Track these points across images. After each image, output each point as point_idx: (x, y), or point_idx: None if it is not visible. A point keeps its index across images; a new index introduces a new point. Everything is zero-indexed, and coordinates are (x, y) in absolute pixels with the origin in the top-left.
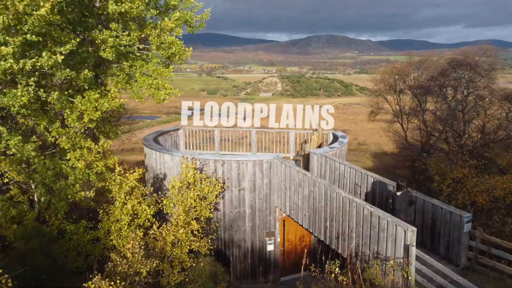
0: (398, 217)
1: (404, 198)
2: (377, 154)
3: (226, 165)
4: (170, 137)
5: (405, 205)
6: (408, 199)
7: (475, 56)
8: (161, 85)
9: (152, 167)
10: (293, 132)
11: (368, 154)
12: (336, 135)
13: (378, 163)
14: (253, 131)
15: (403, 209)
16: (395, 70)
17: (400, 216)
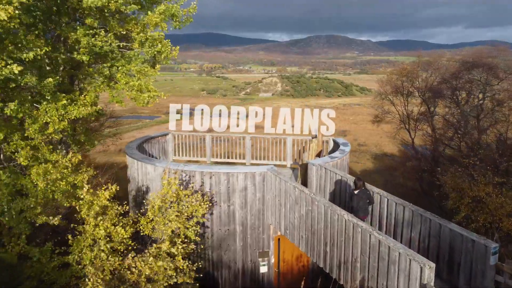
0: (357, 215)
1: (362, 196)
2: (378, 155)
3: (215, 178)
4: (157, 143)
5: (363, 203)
6: (366, 197)
7: (488, 56)
8: (144, 87)
9: (134, 178)
10: (290, 138)
11: (368, 155)
12: (337, 142)
13: (378, 164)
14: (247, 137)
15: (362, 208)
16: (404, 71)
17: (359, 214)
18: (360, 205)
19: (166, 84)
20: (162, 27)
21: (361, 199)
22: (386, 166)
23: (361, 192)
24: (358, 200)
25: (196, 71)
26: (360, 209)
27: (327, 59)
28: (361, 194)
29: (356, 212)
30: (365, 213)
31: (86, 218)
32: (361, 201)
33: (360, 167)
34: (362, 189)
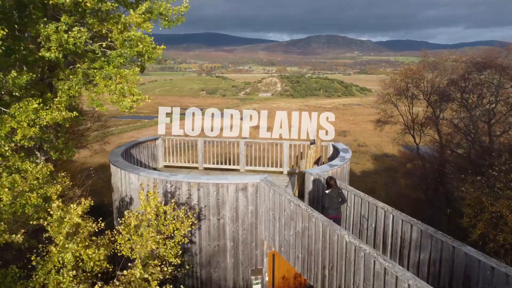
0: (327, 215)
1: (334, 195)
2: (378, 156)
3: (203, 189)
4: (146, 149)
5: (334, 202)
6: (338, 196)
7: (498, 56)
8: (126, 91)
9: (118, 188)
10: (287, 143)
11: (368, 156)
12: (337, 148)
13: (378, 165)
14: (241, 142)
15: (334, 207)
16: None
17: (329, 213)
18: (332, 204)
19: (165, 84)
20: (145, 27)
21: (333, 198)
22: (386, 167)
23: (332, 191)
24: (330, 199)
25: (196, 71)
26: (331, 208)
27: (327, 59)
28: (332, 193)
29: (327, 211)
30: (337, 213)
31: (55, 237)
32: (332, 200)
33: (360, 168)
34: (334, 188)
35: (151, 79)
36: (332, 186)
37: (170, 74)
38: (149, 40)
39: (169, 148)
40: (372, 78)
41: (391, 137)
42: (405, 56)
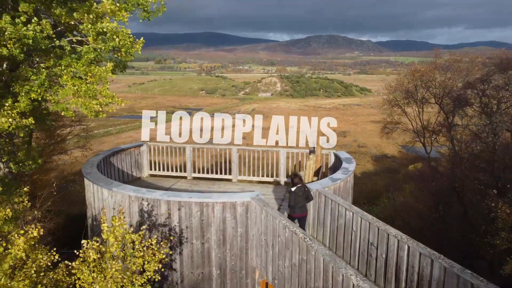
0: (293, 213)
1: (299, 193)
2: (378, 157)
3: (184, 208)
4: (129, 156)
5: (300, 199)
6: (303, 194)
7: None
8: (97, 92)
9: (91, 204)
10: (284, 151)
11: (368, 156)
12: (339, 157)
13: (378, 166)
14: (233, 149)
15: (299, 205)
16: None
17: (295, 211)
18: (298, 203)
19: (165, 84)
20: (121, 17)
21: (299, 196)
22: (386, 168)
23: (297, 189)
24: (295, 197)
25: (195, 70)
26: (297, 207)
27: (327, 59)
28: (297, 191)
29: (293, 209)
30: (302, 211)
31: None
32: (298, 198)
33: (360, 169)
34: (298, 186)
35: (151, 79)
36: (297, 184)
37: (169, 74)
38: (126, 33)
39: (155, 155)
40: (372, 78)
41: (391, 138)
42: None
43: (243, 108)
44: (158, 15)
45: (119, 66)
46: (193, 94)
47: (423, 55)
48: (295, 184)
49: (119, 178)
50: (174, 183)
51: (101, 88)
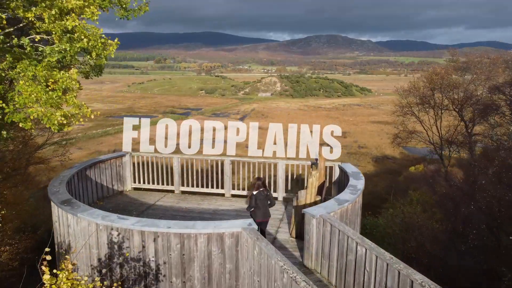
0: (255, 217)
1: (260, 197)
2: (378, 158)
3: (161, 240)
4: (109, 168)
5: (262, 204)
6: (265, 199)
7: None
8: (61, 101)
9: (56, 229)
10: (282, 163)
11: (369, 157)
12: (345, 171)
13: (379, 167)
14: (226, 160)
15: (261, 210)
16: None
17: (257, 216)
18: (260, 207)
19: (164, 83)
20: (89, 15)
21: (260, 200)
22: (387, 169)
23: (259, 193)
24: (256, 202)
25: (195, 70)
26: (258, 211)
27: (327, 59)
28: (259, 195)
29: (255, 214)
30: (264, 216)
31: None
32: (259, 202)
33: (360, 170)
34: (260, 190)
35: (150, 78)
36: (259, 188)
37: (169, 73)
38: (96, 33)
39: (138, 166)
40: (372, 78)
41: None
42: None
43: (242, 108)
44: (139, 14)
45: (94, 69)
46: (193, 94)
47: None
48: (257, 188)
49: (97, 194)
50: (159, 198)
51: (67, 96)
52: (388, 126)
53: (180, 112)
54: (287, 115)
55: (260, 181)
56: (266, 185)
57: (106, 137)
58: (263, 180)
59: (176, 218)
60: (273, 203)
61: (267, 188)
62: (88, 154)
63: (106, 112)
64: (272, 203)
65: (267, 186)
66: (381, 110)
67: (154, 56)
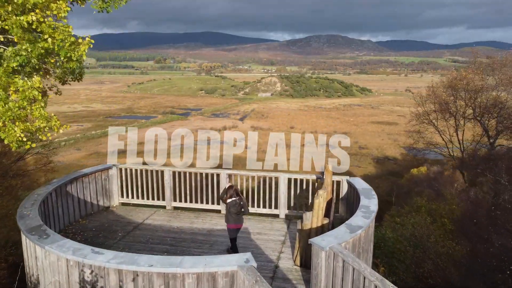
0: (227, 222)
1: (234, 205)
2: (379, 159)
3: (143, 280)
4: (94, 182)
5: (234, 211)
6: (238, 206)
7: None
8: (24, 113)
9: (25, 259)
10: (285, 176)
11: (370, 158)
12: (354, 187)
13: (380, 169)
14: (223, 174)
15: (233, 217)
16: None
17: (230, 222)
18: (232, 214)
19: (164, 83)
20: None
21: (232, 207)
22: (388, 171)
23: (232, 202)
24: (229, 208)
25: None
26: (231, 218)
27: (327, 58)
28: (232, 204)
29: (227, 220)
30: (236, 222)
31: None
32: (233, 210)
33: (361, 171)
34: (233, 199)
35: (150, 78)
36: (231, 196)
37: (169, 73)
38: (65, 31)
39: (126, 180)
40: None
41: (392, 138)
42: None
43: (242, 108)
44: (120, 4)
45: (72, 73)
46: (193, 94)
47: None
48: (230, 196)
49: (80, 212)
50: (149, 215)
51: (33, 107)
52: (389, 127)
53: (180, 112)
54: (287, 115)
55: (233, 188)
56: (239, 193)
57: (105, 138)
58: (235, 188)
59: (166, 240)
60: (247, 211)
61: (241, 196)
62: (87, 155)
63: (106, 113)
64: (245, 211)
65: (240, 193)
66: (382, 110)
67: (154, 56)
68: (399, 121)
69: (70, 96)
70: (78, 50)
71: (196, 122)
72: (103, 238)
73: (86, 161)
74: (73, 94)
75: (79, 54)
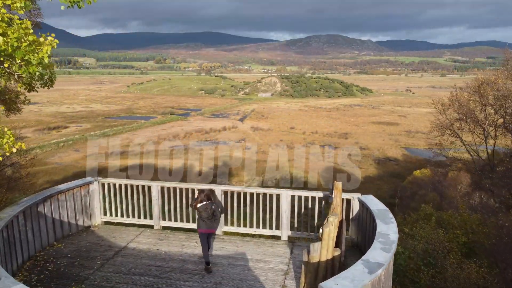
0: (199, 227)
1: (205, 209)
2: (381, 160)
3: None
4: (71, 199)
5: (206, 216)
6: (210, 210)
7: None
8: None
9: None
10: (287, 194)
11: (371, 159)
12: (367, 207)
13: (382, 170)
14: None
15: (205, 221)
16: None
17: (201, 227)
18: (204, 219)
19: (164, 84)
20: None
21: (204, 211)
22: (390, 172)
23: (202, 207)
24: (201, 214)
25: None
26: (202, 223)
27: (327, 58)
28: (202, 209)
29: (198, 225)
30: (209, 227)
31: None
32: (204, 214)
33: (363, 172)
34: (203, 204)
35: (150, 79)
36: (202, 201)
37: (169, 73)
38: (20, 27)
39: (110, 196)
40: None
41: (393, 139)
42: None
43: (242, 108)
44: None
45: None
46: (192, 94)
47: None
48: (200, 201)
49: (55, 234)
50: (134, 237)
51: None
52: (390, 127)
53: (180, 113)
54: (287, 115)
55: (203, 193)
56: (211, 197)
57: (104, 139)
58: (207, 193)
59: (150, 270)
60: (218, 217)
61: (212, 201)
62: (85, 156)
63: (105, 113)
64: (216, 216)
65: (212, 198)
66: (382, 110)
67: (154, 56)
68: (400, 121)
69: (69, 97)
70: (39, 51)
71: (195, 122)
72: (78, 268)
73: (84, 162)
74: (73, 94)
75: (40, 56)
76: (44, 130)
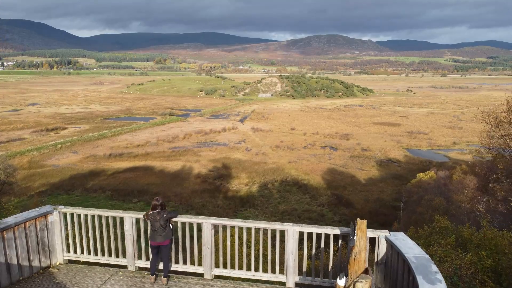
0: (152, 240)
1: (157, 218)
2: (383, 162)
3: None
4: (23, 236)
5: (156, 226)
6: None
7: None
8: None
9: None
10: (294, 230)
11: (373, 161)
12: (398, 250)
13: (384, 172)
14: (205, 224)
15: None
16: None
17: (157, 239)
18: (157, 229)
19: (164, 84)
20: None
21: (157, 221)
22: (392, 174)
23: (153, 215)
24: (153, 223)
25: (195, 70)
26: (157, 233)
27: (328, 59)
28: (153, 217)
29: (153, 237)
30: (164, 238)
31: None
32: (154, 224)
33: (364, 174)
34: (154, 212)
35: (149, 79)
36: (155, 209)
37: (169, 74)
38: None
39: (74, 229)
40: (372, 78)
41: (395, 140)
42: (406, 56)
43: (242, 109)
44: None
45: None
46: (192, 95)
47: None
48: (153, 208)
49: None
50: (103, 282)
51: None
52: (391, 128)
53: (179, 113)
54: (288, 116)
55: (158, 201)
56: (164, 206)
57: (102, 140)
58: (162, 202)
59: None
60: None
61: (165, 209)
62: (83, 159)
63: (104, 114)
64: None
65: (165, 206)
66: (383, 110)
67: (155, 56)
68: (401, 122)
69: (69, 97)
70: None
71: (195, 123)
72: None
73: (82, 164)
74: (72, 95)
75: None
76: (42, 132)
